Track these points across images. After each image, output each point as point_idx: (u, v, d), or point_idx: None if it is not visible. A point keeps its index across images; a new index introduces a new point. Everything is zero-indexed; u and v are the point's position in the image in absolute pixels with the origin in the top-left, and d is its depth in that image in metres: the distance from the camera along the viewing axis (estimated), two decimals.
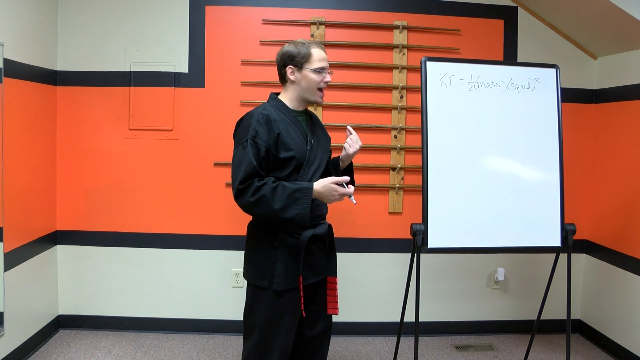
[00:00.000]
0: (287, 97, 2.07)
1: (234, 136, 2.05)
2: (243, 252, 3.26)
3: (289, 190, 1.90)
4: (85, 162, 3.25)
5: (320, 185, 1.92)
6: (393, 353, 3.04)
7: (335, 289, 2.12)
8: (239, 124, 2.05)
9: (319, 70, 2.01)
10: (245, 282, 3.30)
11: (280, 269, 2.00)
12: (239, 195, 1.92)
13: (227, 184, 3.26)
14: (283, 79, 2.07)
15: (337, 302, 2.12)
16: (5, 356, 2.66)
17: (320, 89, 2.04)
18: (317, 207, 2.04)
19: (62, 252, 3.28)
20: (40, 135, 3.05)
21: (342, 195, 1.94)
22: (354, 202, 1.98)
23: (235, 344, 3.20)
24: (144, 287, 3.31)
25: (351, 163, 2.25)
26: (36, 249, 3.02)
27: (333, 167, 2.21)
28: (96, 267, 3.29)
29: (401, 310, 2.66)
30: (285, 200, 1.89)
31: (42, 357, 2.92)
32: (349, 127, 2.16)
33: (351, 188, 1.96)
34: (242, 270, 3.32)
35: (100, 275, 3.30)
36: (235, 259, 3.31)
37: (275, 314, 2.01)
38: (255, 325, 2.04)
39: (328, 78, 2.05)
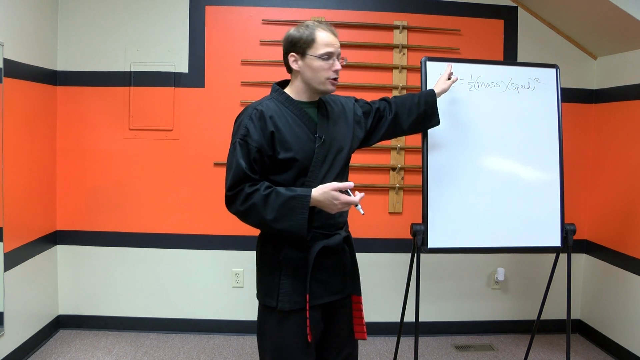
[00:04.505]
0: (293, 88, 1.81)
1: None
2: (243, 252, 3.31)
3: (283, 198, 1.63)
4: (85, 162, 3.24)
5: (319, 192, 1.63)
6: (393, 353, 3.04)
7: (361, 310, 1.87)
8: (235, 122, 1.80)
9: (324, 57, 1.71)
10: (248, 284, 3.32)
11: (287, 287, 1.75)
12: (229, 203, 1.69)
13: None
14: (288, 68, 1.81)
15: (364, 324, 1.87)
16: (5, 356, 2.66)
17: (331, 79, 1.74)
18: (331, 217, 1.76)
19: (62, 252, 3.28)
20: (40, 135, 3.05)
21: (346, 204, 1.64)
22: (362, 212, 1.67)
23: (235, 344, 3.20)
24: (144, 287, 3.31)
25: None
26: (36, 249, 3.02)
27: (429, 107, 2.12)
28: (96, 267, 3.29)
29: (401, 310, 2.65)
30: (279, 210, 1.63)
31: (42, 357, 2.92)
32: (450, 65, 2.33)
33: (357, 195, 1.65)
34: (242, 270, 3.33)
35: (100, 275, 3.30)
36: (235, 259, 3.31)
37: (285, 338, 1.76)
38: (265, 350, 1.82)
39: (338, 66, 1.74)
